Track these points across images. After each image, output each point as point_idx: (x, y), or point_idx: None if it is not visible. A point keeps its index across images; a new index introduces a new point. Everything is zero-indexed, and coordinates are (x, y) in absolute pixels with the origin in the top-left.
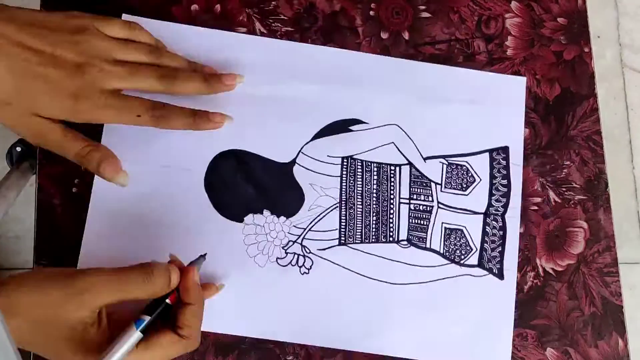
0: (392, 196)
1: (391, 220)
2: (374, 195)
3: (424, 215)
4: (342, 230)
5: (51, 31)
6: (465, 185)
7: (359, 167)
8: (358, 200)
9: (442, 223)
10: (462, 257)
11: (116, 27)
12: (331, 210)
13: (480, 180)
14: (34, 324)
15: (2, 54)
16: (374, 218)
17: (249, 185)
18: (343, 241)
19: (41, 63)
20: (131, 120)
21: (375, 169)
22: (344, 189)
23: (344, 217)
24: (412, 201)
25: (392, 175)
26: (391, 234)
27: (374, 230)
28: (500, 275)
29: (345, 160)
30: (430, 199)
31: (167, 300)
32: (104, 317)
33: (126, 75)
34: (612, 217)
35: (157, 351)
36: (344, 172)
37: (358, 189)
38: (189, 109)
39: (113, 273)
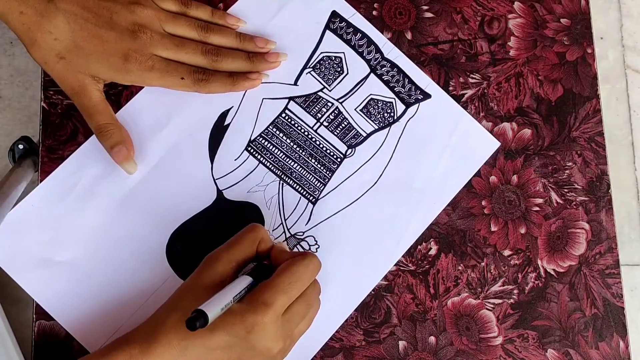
0: (305, 133)
1: (325, 149)
2: (294, 145)
3: (339, 119)
4: (302, 193)
5: None
6: (339, 69)
7: (262, 140)
8: (288, 162)
9: (354, 109)
10: (392, 112)
11: (170, 1)
12: (281, 189)
13: (343, 52)
14: None
15: (67, 12)
16: (313, 161)
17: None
18: (313, 199)
19: (99, 24)
20: (175, 83)
21: (274, 129)
22: (270, 165)
23: (293, 183)
24: (320, 120)
25: (288, 119)
26: (335, 157)
27: (322, 168)
28: (426, 95)
29: (249, 147)
30: (329, 104)
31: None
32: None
33: (173, 47)
34: (614, 219)
35: (288, 272)
36: (257, 155)
37: (280, 155)
38: (227, 73)
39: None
